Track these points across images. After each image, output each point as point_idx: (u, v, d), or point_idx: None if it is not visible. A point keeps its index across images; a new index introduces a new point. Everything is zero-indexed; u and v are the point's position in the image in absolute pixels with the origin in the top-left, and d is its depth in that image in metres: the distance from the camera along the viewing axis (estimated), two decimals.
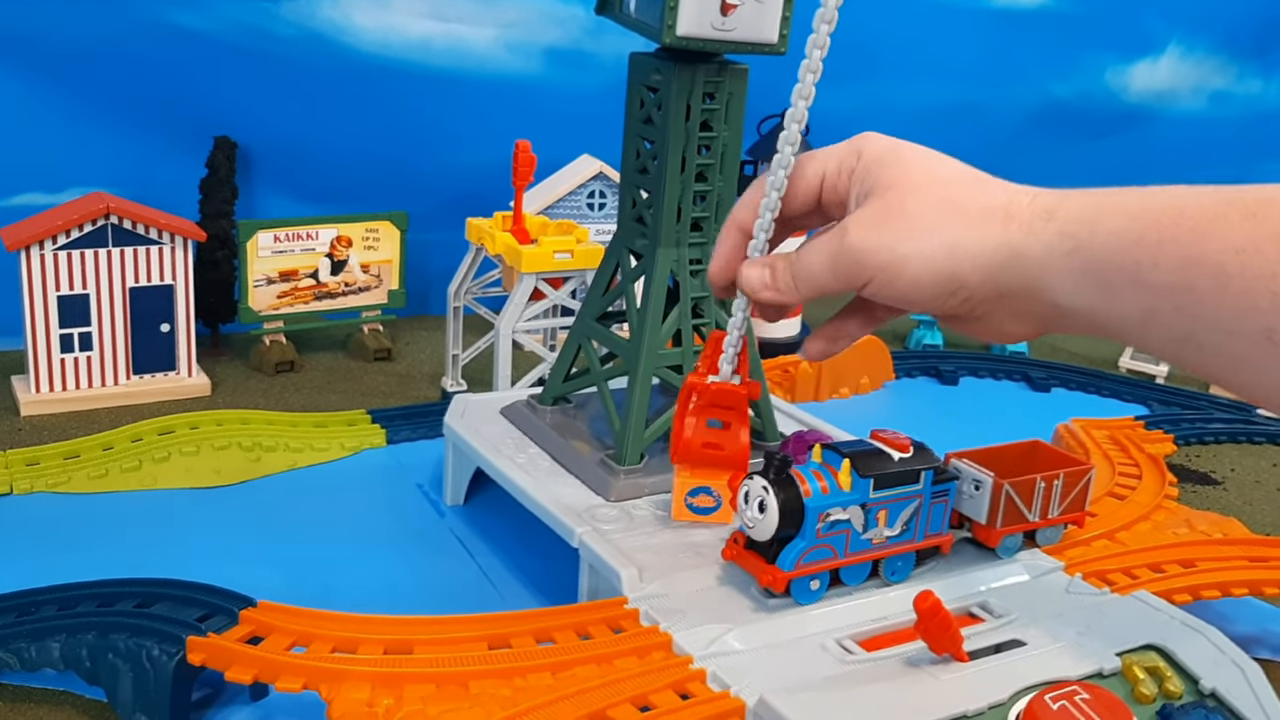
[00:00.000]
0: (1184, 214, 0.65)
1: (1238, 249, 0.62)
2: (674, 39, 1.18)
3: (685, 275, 1.35)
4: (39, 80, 1.83)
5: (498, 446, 1.40)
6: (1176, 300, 0.64)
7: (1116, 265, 0.66)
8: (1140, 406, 2.03)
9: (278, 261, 1.84)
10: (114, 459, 1.49)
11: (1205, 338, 0.64)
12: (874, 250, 0.76)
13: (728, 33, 1.21)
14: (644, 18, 1.24)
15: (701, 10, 1.18)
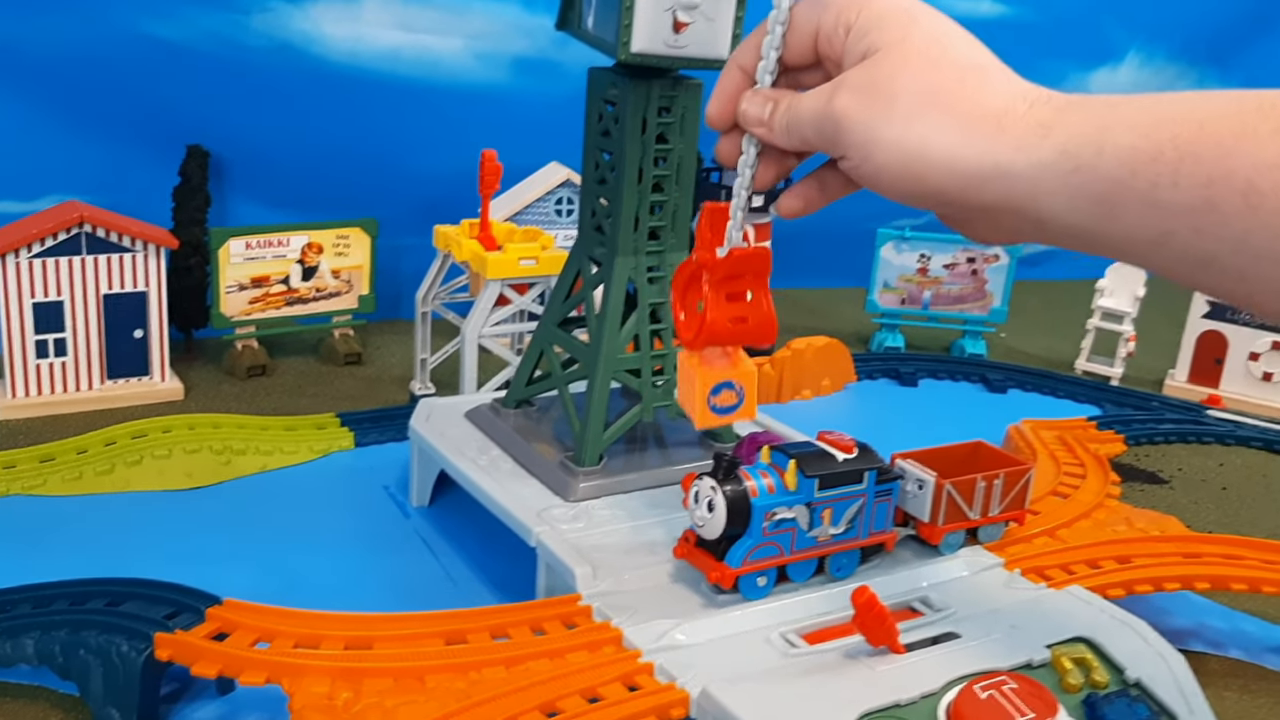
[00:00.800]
0: (1204, 127, 0.60)
1: (1271, 164, 0.57)
2: (629, 55, 1.23)
3: (643, 282, 1.40)
4: (12, 89, 1.86)
5: (461, 449, 1.44)
6: (1197, 221, 0.60)
7: (1127, 186, 0.62)
8: (1093, 407, 2.08)
9: (249, 268, 1.88)
10: (88, 462, 1.53)
11: (1230, 261, 0.59)
12: (853, 124, 0.71)
13: (680, 49, 1.25)
14: (601, 34, 1.28)
15: (655, 28, 1.22)
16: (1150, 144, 0.61)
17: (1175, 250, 0.62)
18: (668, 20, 1.22)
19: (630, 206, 1.36)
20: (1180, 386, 2.22)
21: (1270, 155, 0.57)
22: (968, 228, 0.75)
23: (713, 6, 1.23)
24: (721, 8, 1.24)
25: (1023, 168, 0.66)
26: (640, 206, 1.36)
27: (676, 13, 1.22)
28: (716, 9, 1.24)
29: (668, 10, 1.21)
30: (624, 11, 1.20)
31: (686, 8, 1.22)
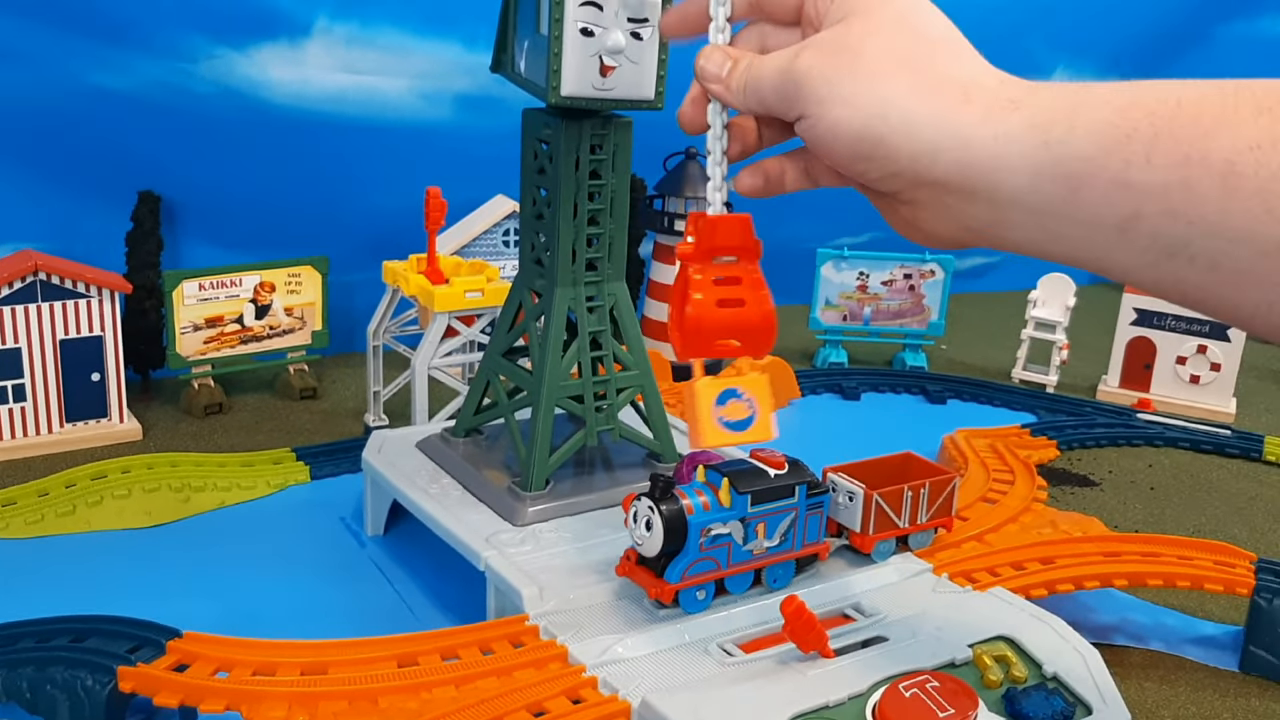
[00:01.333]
0: (1183, 106, 0.57)
1: (1252, 145, 0.55)
2: (558, 99, 1.29)
3: (582, 311, 1.45)
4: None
5: (412, 479, 1.49)
6: (1169, 202, 0.57)
7: (1098, 164, 0.59)
8: (1029, 414, 2.16)
9: (203, 309, 1.92)
10: (49, 504, 1.56)
11: (1202, 246, 0.56)
12: (814, 80, 0.69)
13: (608, 92, 1.31)
14: (532, 78, 1.35)
15: (582, 72, 1.28)
16: (1125, 121, 0.58)
17: (1142, 236, 0.59)
18: (595, 64, 1.29)
19: (567, 240, 1.42)
20: (1112, 391, 2.30)
21: (1251, 136, 0.55)
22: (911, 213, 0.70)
23: (637, 51, 1.29)
24: (645, 52, 1.30)
25: (985, 140, 0.63)
26: (577, 240, 1.42)
27: (603, 57, 1.28)
28: (641, 53, 1.30)
29: (594, 55, 1.28)
30: (552, 57, 1.26)
31: (612, 53, 1.28)
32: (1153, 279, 0.60)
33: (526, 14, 1.35)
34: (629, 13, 1.26)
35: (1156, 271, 0.60)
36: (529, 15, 1.34)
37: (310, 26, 2.03)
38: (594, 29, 1.25)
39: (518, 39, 1.40)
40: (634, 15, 1.26)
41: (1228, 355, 2.21)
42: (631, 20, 1.26)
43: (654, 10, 1.27)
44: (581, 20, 1.24)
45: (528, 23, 1.35)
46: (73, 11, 1.87)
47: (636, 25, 1.27)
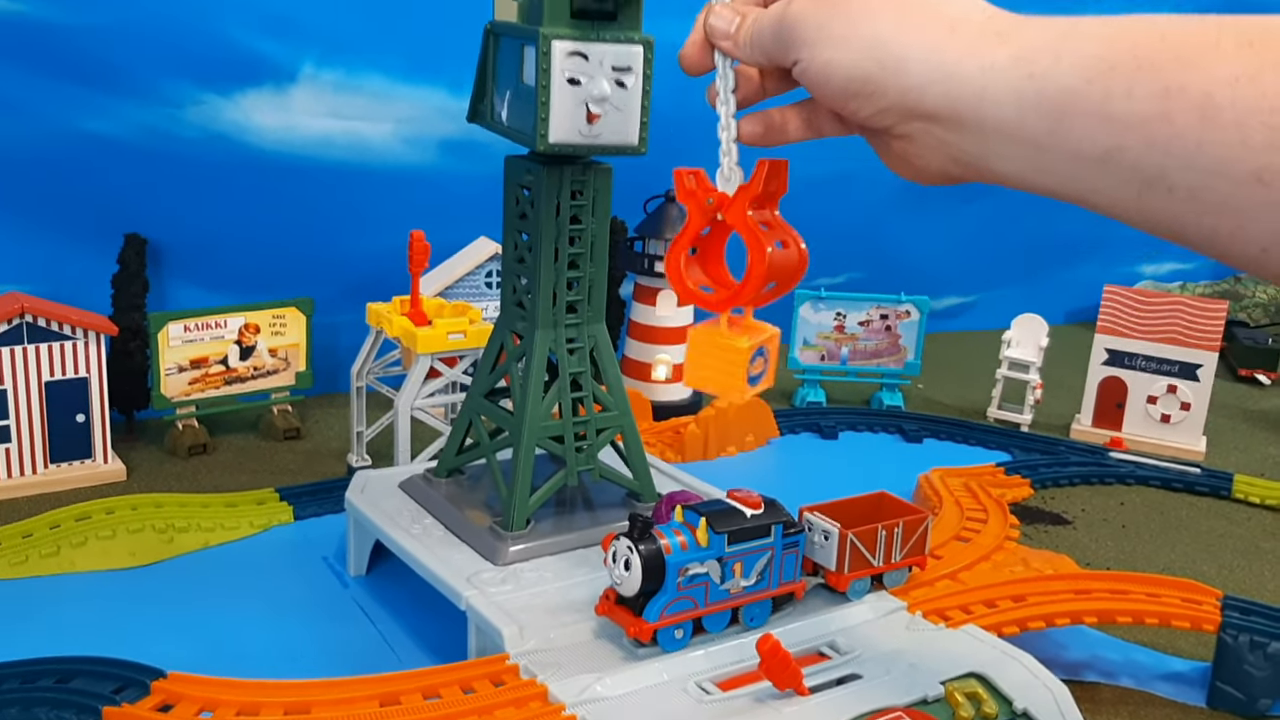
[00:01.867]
0: (1166, 39, 0.58)
1: (1231, 78, 0.55)
2: (547, 146, 1.32)
3: (563, 353, 1.48)
4: None
5: (394, 519, 1.51)
6: (1149, 133, 0.58)
7: (1081, 95, 0.60)
8: (1004, 453, 2.19)
9: (188, 350, 1.94)
10: (33, 545, 1.57)
11: (1179, 178, 0.58)
12: (806, 23, 0.72)
13: (594, 138, 1.35)
14: (516, 126, 1.38)
15: (570, 120, 1.32)
16: (1109, 52, 0.59)
17: (1123, 167, 0.59)
18: (581, 112, 1.32)
19: (548, 283, 1.45)
20: (1086, 430, 2.34)
21: (1231, 69, 0.55)
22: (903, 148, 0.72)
23: (622, 99, 1.33)
24: (630, 99, 1.34)
25: (972, 72, 0.64)
26: (558, 283, 1.46)
27: (589, 105, 1.32)
28: (626, 101, 1.34)
29: (581, 104, 1.31)
30: (540, 106, 1.29)
31: (598, 100, 1.32)
32: (1136, 210, 0.61)
33: (507, 66, 1.39)
34: (613, 62, 1.30)
35: (1139, 203, 0.60)
36: (510, 67, 1.38)
37: (297, 73, 2.06)
38: (580, 78, 1.29)
39: (497, 89, 1.44)
40: (618, 64, 1.31)
41: (1197, 395, 2.25)
42: (615, 69, 1.31)
43: (636, 60, 1.31)
44: (569, 70, 1.28)
45: (509, 74, 1.39)
46: (61, 58, 1.90)
47: (620, 74, 1.31)
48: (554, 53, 1.27)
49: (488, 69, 1.45)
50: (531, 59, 1.31)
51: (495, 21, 1.42)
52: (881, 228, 2.86)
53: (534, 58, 1.29)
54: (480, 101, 1.48)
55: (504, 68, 1.41)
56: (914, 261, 2.91)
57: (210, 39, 1.97)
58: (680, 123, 1.38)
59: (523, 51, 1.34)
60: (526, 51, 1.33)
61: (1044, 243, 3.15)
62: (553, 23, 1.28)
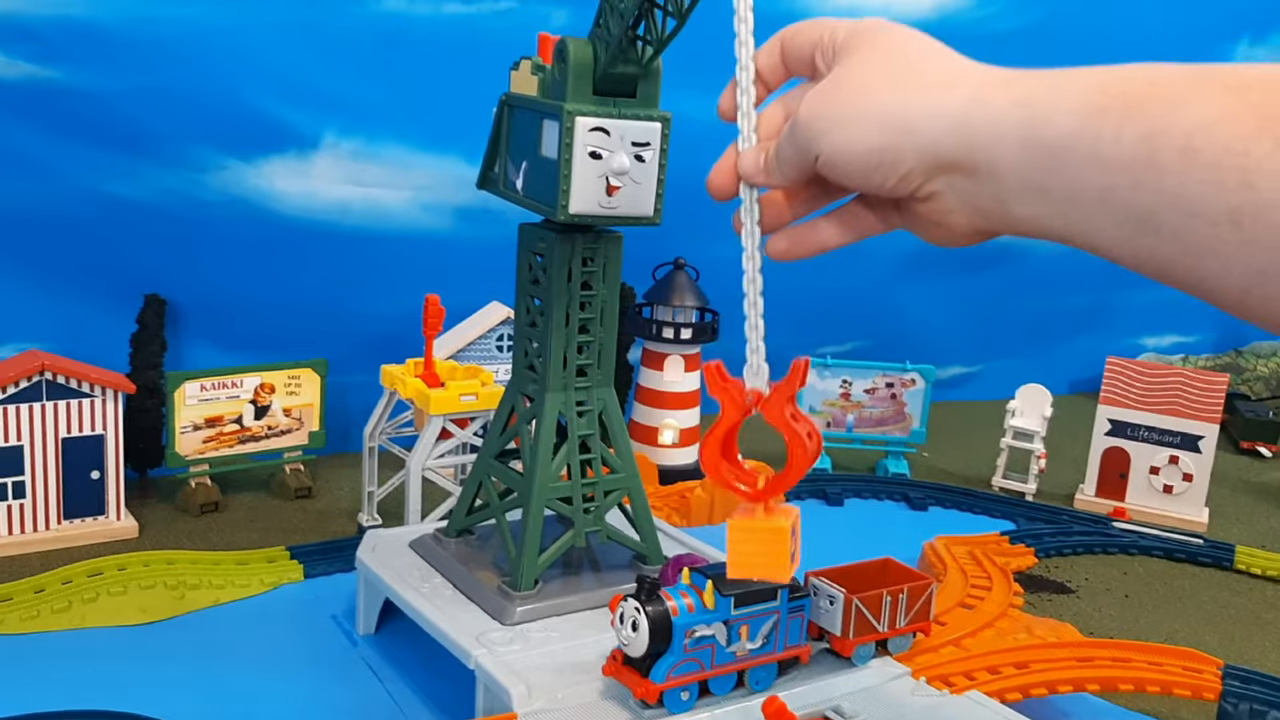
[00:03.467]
0: (1156, 85, 0.60)
1: (1209, 122, 0.57)
2: (567, 216, 1.36)
3: (572, 415, 1.51)
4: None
5: (404, 578, 1.53)
6: (1136, 175, 0.60)
7: (1075, 138, 0.62)
8: (1008, 522, 2.21)
9: (204, 409, 1.97)
10: (45, 600, 1.59)
11: (1165, 219, 0.59)
12: (816, 120, 0.75)
13: (612, 209, 1.39)
14: (533, 196, 1.42)
15: (589, 192, 1.36)
16: (1101, 97, 0.62)
17: (1117, 208, 0.62)
18: (601, 185, 1.37)
19: (559, 347, 1.48)
20: (1089, 500, 2.36)
21: (1213, 112, 0.57)
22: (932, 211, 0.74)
23: (640, 172, 1.38)
24: (647, 173, 1.39)
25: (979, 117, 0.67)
26: (568, 347, 1.49)
27: (609, 178, 1.37)
28: (643, 174, 1.38)
29: (601, 176, 1.36)
30: (562, 178, 1.34)
31: (617, 174, 1.37)
32: (1131, 253, 0.63)
33: (523, 138, 1.44)
34: (633, 137, 1.35)
35: (1133, 245, 0.62)
36: (527, 139, 1.42)
37: (319, 141, 2.12)
38: (601, 152, 1.34)
39: (511, 160, 1.48)
40: (637, 140, 1.36)
41: (1199, 466, 2.27)
42: (635, 144, 1.35)
43: (655, 135, 1.36)
44: (590, 144, 1.33)
45: (525, 145, 1.43)
46: (88, 121, 1.95)
47: (639, 149, 1.36)
48: (577, 128, 1.32)
49: (501, 139, 1.50)
50: (553, 132, 1.35)
51: (511, 94, 1.47)
52: (886, 297, 2.90)
53: (556, 131, 1.34)
54: (491, 169, 1.53)
55: (519, 139, 1.46)
56: (918, 331, 2.94)
57: (235, 106, 2.03)
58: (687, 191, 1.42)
59: (542, 125, 1.39)
60: (547, 125, 1.37)
61: (1047, 314, 3.18)
62: (576, 99, 1.33)
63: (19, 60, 1.87)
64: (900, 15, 2.62)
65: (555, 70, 1.38)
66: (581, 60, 1.34)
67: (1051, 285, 3.11)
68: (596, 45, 1.35)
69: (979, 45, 2.01)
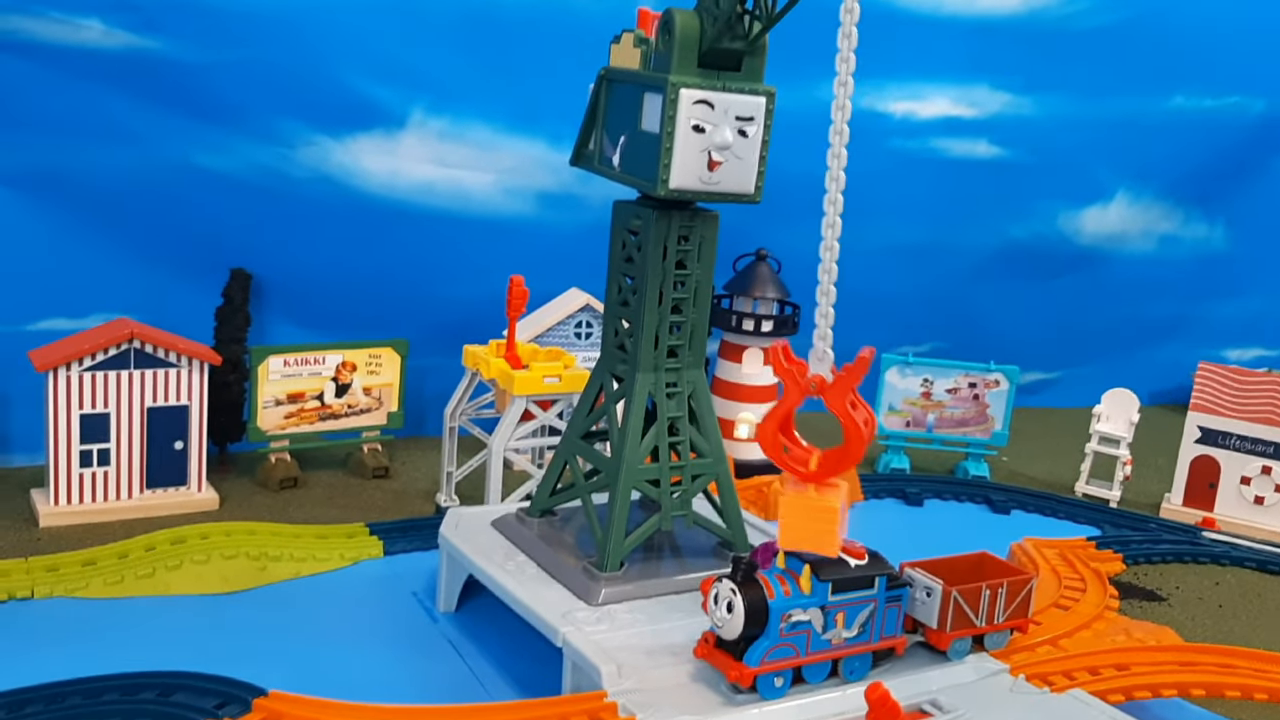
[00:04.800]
0: None
1: None
2: (667, 191, 1.34)
3: (662, 397, 1.49)
4: (69, 214, 1.97)
5: (488, 555, 1.51)
6: None
7: None
8: (1093, 528, 2.15)
9: (286, 384, 1.97)
10: (129, 566, 1.59)
11: None
12: None
13: (713, 185, 1.37)
14: (632, 171, 1.40)
15: (691, 167, 1.34)
16: None
17: None
18: (703, 160, 1.35)
19: (651, 326, 1.46)
20: (1176, 509, 2.29)
21: None
22: None
23: (742, 147, 1.36)
24: (750, 148, 1.36)
25: None
26: (660, 326, 1.46)
27: (711, 153, 1.34)
28: (746, 149, 1.36)
29: (703, 151, 1.34)
30: (664, 152, 1.32)
31: (719, 149, 1.35)
32: None
33: (622, 112, 1.41)
34: (737, 112, 1.33)
35: None
36: (626, 113, 1.40)
37: (406, 119, 2.12)
38: (705, 126, 1.31)
39: (608, 135, 1.46)
40: (741, 114, 1.33)
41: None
42: (739, 119, 1.33)
43: (759, 110, 1.34)
44: (694, 118, 1.31)
45: (625, 120, 1.41)
46: (181, 93, 1.96)
47: (743, 124, 1.33)
48: (681, 100, 1.30)
49: (598, 114, 1.48)
50: (655, 105, 1.33)
51: (611, 68, 1.45)
52: (966, 298, 2.85)
53: (659, 104, 1.32)
54: (585, 146, 1.51)
55: (617, 114, 1.44)
56: (997, 334, 2.88)
57: (326, 82, 2.03)
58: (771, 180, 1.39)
59: (643, 98, 1.37)
60: (649, 98, 1.35)
61: (1128, 322, 3.11)
62: (681, 71, 1.31)
63: (117, 30, 1.88)
64: (987, 12, 2.58)
65: (659, 43, 1.36)
66: (688, 32, 1.32)
67: (1134, 293, 3.04)
68: (704, 18, 1.33)
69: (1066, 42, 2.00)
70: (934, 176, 2.68)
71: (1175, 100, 2.86)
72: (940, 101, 2.62)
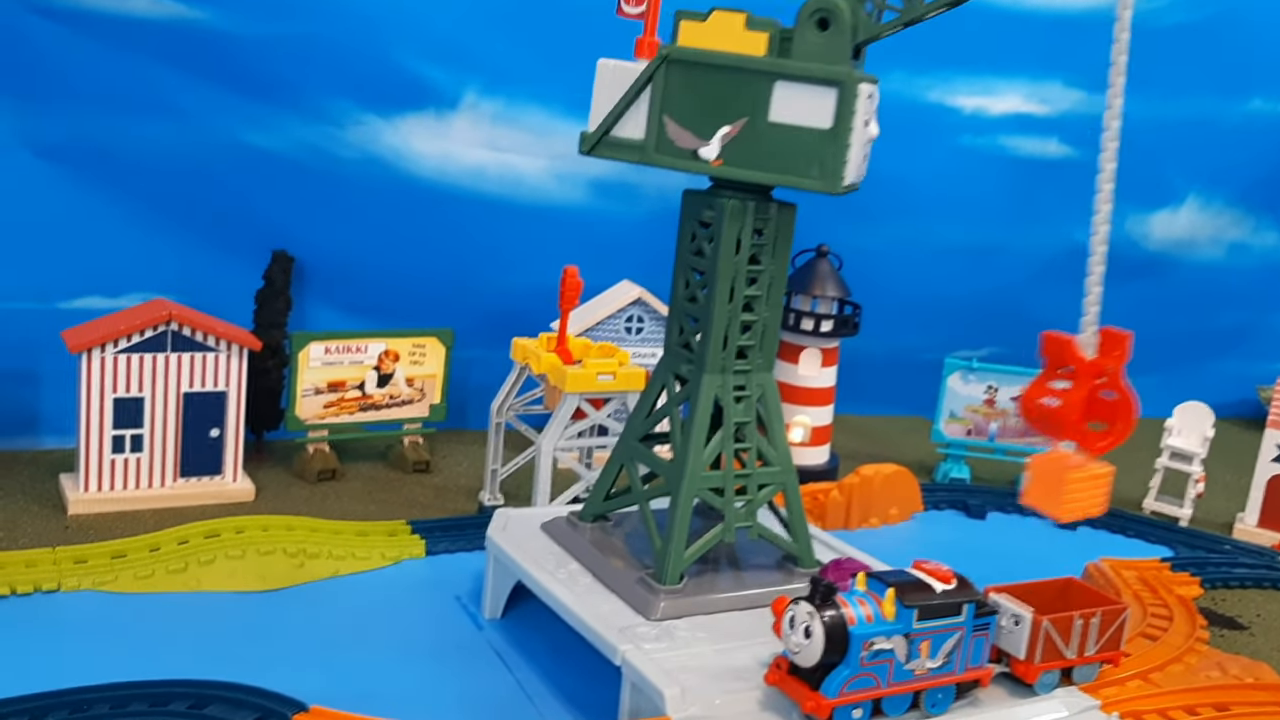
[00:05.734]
0: None
1: None
2: (840, 190, 1.28)
3: (729, 401, 1.39)
4: (108, 189, 1.91)
5: (539, 561, 1.43)
6: None
7: None
8: (1164, 548, 2.04)
9: (327, 373, 1.90)
10: (160, 560, 1.52)
11: None
12: None
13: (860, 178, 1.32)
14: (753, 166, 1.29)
15: (855, 162, 1.29)
16: None
17: None
18: (862, 154, 1.30)
19: (720, 325, 1.37)
20: (1250, 530, 2.18)
21: None
22: None
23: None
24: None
25: None
26: (730, 325, 1.37)
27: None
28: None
29: (864, 144, 1.30)
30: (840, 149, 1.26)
31: (868, 141, 1.31)
32: None
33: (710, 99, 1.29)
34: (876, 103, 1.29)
35: None
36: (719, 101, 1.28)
37: (458, 101, 2.04)
38: (868, 120, 1.28)
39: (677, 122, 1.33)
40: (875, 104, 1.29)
41: None
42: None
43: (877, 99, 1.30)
44: (864, 112, 1.26)
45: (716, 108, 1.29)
46: (228, 67, 1.89)
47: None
48: (860, 95, 1.25)
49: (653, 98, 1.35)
50: (805, 98, 1.26)
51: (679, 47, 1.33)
52: (1034, 298, 2.74)
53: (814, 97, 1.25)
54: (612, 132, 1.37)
55: (695, 100, 1.32)
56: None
57: (378, 60, 1.95)
58: None
59: (771, 88, 1.27)
60: (788, 88, 1.26)
61: (1193, 332, 3.00)
62: (843, 62, 1.26)
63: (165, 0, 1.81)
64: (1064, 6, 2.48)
65: (805, 32, 1.27)
66: (854, 24, 1.27)
67: (1200, 301, 2.93)
68: (844, 5, 1.26)
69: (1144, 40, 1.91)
70: (1001, 175, 2.58)
71: (1253, 103, 2.74)
72: (1012, 98, 2.52)
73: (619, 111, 1.36)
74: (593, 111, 1.35)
